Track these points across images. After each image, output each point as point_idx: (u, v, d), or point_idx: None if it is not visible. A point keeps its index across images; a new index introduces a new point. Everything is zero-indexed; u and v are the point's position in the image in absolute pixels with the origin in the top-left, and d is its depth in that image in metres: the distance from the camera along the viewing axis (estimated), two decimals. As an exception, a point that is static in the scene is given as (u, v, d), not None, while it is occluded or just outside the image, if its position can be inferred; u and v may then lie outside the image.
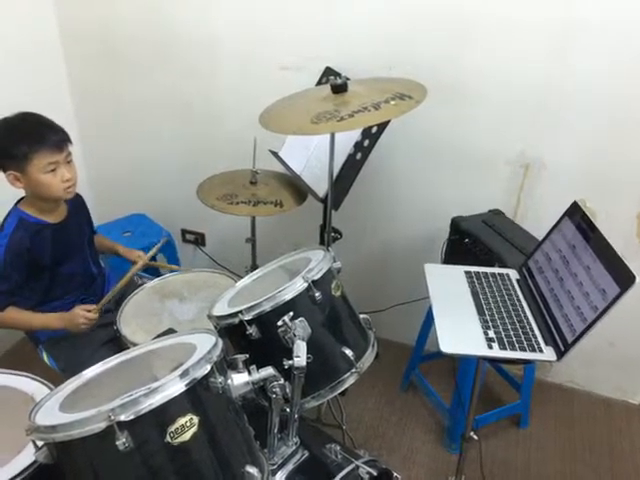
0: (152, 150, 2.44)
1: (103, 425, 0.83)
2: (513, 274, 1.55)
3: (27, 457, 1.04)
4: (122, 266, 1.80)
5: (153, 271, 1.90)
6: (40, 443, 0.92)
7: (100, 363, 1.11)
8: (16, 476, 1.02)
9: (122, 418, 0.83)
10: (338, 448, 1.30)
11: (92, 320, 1.56)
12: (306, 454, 1.28)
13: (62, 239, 1.60)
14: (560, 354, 1.21)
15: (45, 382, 1.25)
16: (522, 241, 1.77)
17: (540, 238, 1.50)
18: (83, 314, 1.54)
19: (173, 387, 0.88)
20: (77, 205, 1.70)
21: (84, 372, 1.09)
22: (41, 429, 0.89)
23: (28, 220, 1.54)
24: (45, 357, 1.67)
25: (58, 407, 0.98)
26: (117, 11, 2.19)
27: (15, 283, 1.52)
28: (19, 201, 1.58)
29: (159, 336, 1.28)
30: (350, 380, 1.28)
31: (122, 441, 0.84)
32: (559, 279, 1.33)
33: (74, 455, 0.90)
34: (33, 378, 1.27)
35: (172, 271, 1.86)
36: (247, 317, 1.21)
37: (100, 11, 2.22)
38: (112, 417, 0.83)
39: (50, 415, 0.95)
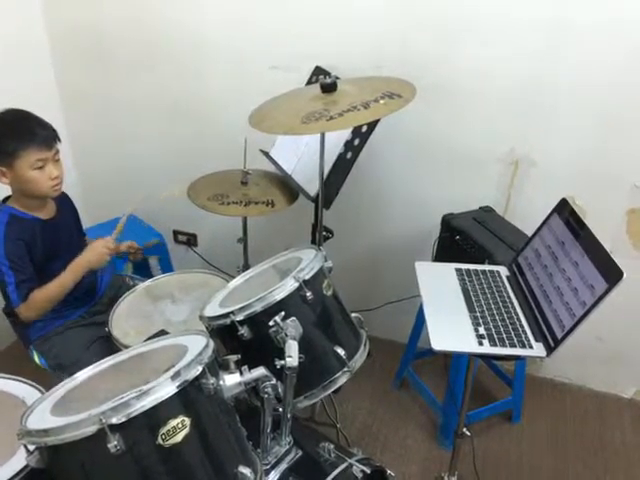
0: (142, 151, 2.43)
1: (94, 428, 0.84)
2: (503, 271, 1.56)
3: (18, 461, 1.03)
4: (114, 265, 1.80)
5: (145, 272, 1.89)
6: (32, 447, 0.92)
7: (91, 366, 1.11)
8: (7, 481, 1.01)
9: (113, 421, 0.84)
10: (331, 447, 1.31)
11: (111, 249, 1.59)
12: (299, 453, 1.28)
13: (52, 236, 1.60)
14: (550, 350, 1.22)
15: (36, 385, 1.25)
16: (512, 238, 1.78)
17: (530, 234, 1.51)
18: (102, 243, 1.59)
19: (164, 389, 0.88)
20: (65, 204, 1.70)
21: (75, 375, 1.09)
22: (32, 433, 0.89)
23: (19, 215, 1.54)
24: (36, 357, 1.66)
25: (49, 411, 0.98)
26: (105, 11, 2.18)
27: (29, 271, 1.52)
28: (5, 200, 1.57)
29: (151, 338, 1.28)
30: (342, 379, 1.28)
31: (114, 444, 0.84)
32: (548, 275, 1.34)
33: (66, 459, 0.90)
34: (24, 382, 1.27)
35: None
36: (239, 318, 1.21)
37: (88, 12, 2.20)
38: (103, 420, 0.83)
39: (41, 419, 0.95)
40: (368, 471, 1.25)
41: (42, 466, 0.92)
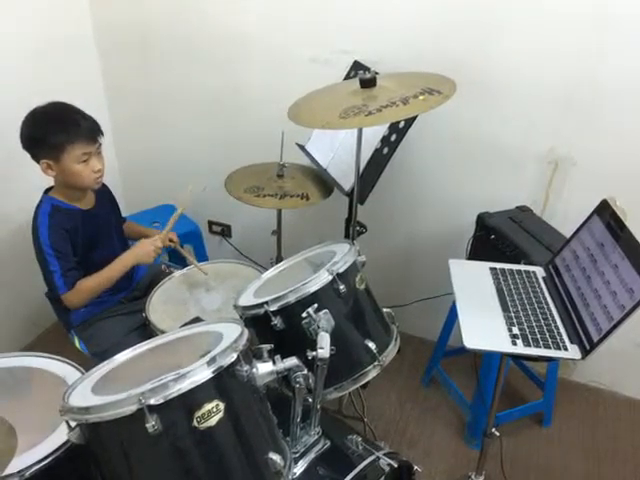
0: (181, 142, 2.48)
1: (134, 408, 0.87)
2: (539, 271, 1.53)
3: (60, 437, 1.07)
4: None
5: (181, 261, 1.93)
6: (73, 424, 0.96)
7: (130, 349, 1.15)
8: (49, 455, 1.05)
9: (152, 402, 0.87)
10: (359, 439, 1.31)
11: (159, 248, 1.65)
12: (328, 444, 1.29)
13: (92, 225, 1.65)
14: (585, 353, 1.20)
15: (77, 366, 1.29)
16: (549, 238, 1.75)
17: (568, 236, 1.49)
18: (151, 242, 1.64)
19: (201, 374, 0.91)
20: (104, 194, 1.75)
21: (115, 357, 1.13)
22: (74, 410, 0.93)
23: (61, 206, 1.59)
24: (76, 341, 1.72)
25: (90, 390, 1.02)
26: (148, 7, 2.23)
27: (73, 260, 1.57)
28: (47, 191, 1.62)
29: (186, 324, 1.32)
30: (372, 373, 1.29)
31: (151, 424, 0.87)
32: (586, 277, 1.32)
33: (105, 436, 0.94)
34: (65, 362, 1.31)
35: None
36: (272, 308, 1.23)
37: (132, 7, 2.25)
38: (142, 400, 0.86)
39: (83, 397, 0.99)
40: (395, 465, 1.25)
41: (82, 442, 0.96)
